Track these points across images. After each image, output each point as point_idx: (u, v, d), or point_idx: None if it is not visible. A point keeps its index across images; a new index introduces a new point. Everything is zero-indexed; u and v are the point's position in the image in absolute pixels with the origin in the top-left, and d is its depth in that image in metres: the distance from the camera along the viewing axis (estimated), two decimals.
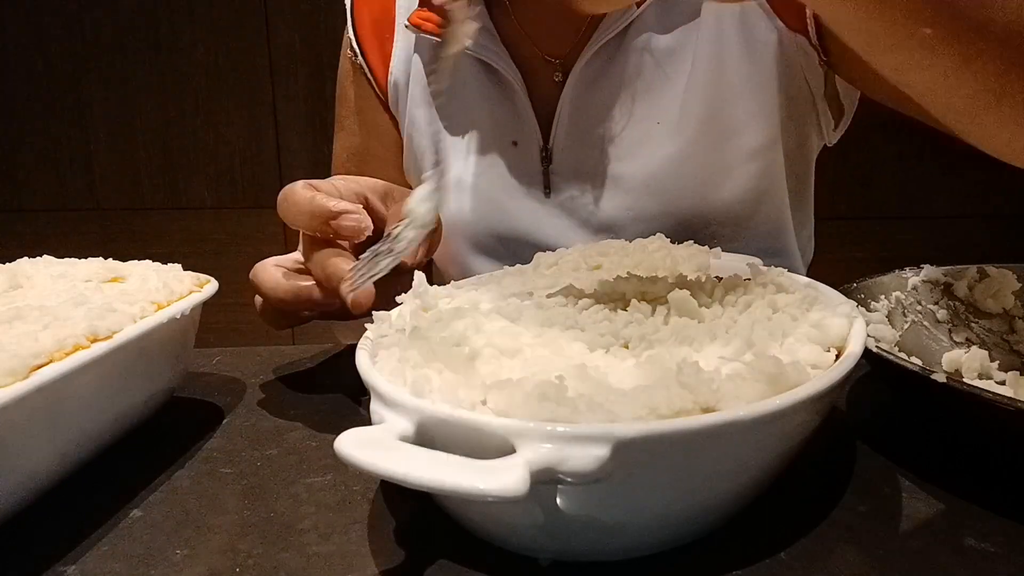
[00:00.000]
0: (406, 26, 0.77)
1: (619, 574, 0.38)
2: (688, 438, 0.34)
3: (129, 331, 0.48)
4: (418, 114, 0.79)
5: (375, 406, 0.38)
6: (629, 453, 0.33)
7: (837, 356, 0.42)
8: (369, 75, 0.82)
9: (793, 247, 0.81)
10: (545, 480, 0.33)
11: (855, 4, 0.41)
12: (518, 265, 0.58)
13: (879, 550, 0.39)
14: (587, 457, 0.33)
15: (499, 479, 0.31)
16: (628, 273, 0.53)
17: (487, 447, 0.34)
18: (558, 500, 0.35)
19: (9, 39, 1.75)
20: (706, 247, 0.57)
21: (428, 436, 0.36)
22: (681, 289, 0.48)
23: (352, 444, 0.34)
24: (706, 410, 0.35)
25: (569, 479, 0.33)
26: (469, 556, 0.40)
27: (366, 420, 0.55)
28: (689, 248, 0.57)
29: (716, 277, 0.53)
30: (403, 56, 0.80)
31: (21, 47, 1.75)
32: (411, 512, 0.44)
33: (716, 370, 0.38)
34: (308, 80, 1.74)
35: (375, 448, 0.34)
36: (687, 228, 0.73)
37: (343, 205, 0.52)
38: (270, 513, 0.44)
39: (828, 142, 0.81)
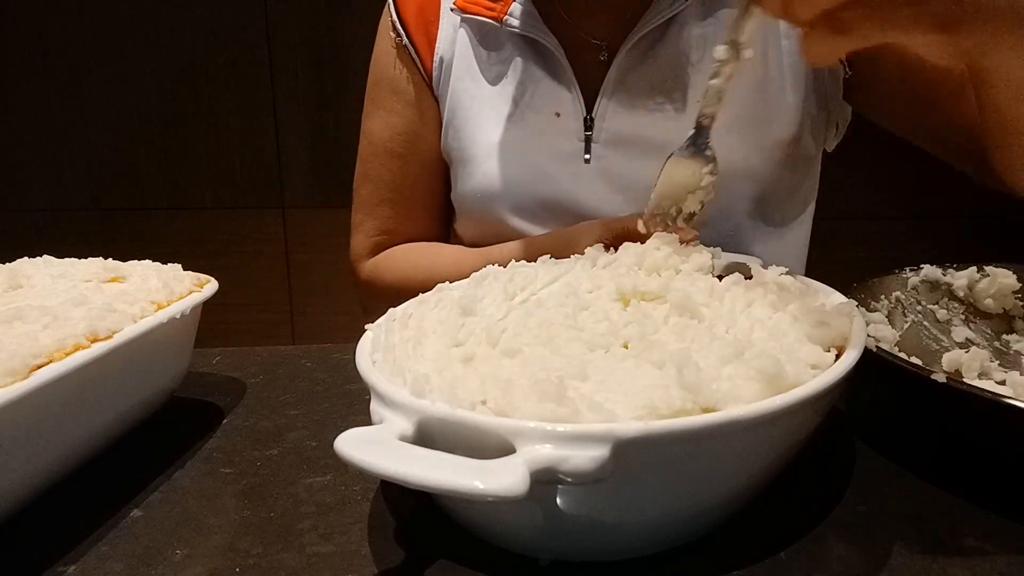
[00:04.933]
0: (452, 9, 0.82)
1: (619, 574, 0.38)
2: (688, 438, 0.34)
3: (129, 331, 0.48)
4: (462, 87, 0.82)
5: (375, 406, 0.38)
6: (629, 453, 0.33)
7: (837, 356, 0.42)
8: (414, 56, 0.84)
9: (799, 233, 0.84)
10: (545, 480, 0.33)
11: (1017, 62, 0.51)
12: (522, 262, 0.58)
13: (879, 550, 0.39)
14: (587, 457, 0.33)
15: (498, 479, 0.31)
16: (629, 272, 0.53)
17: (487, 447, 0.34)
18: (558, 500, 0.35)
19: (9, 39, 1.75)
20: (708, 247, 0.57)
21: (428, 436, 0.36)
22: (681, 289, 0.48)
23: (352, 444, 0.34)
24: (706, 410, 0.35)
25: (569, 479, 0.33)
26: (469, 556, 0.40)
27: (366, 420, 0.55)
28: (690, 248, 0.57)
29: (717, 276, 0.53)
30: (449, 36, 0.83)
31: (21, 47, 1.75)
32: (411, 512, 0.44)
33: (716, 370, 0.38)
34: (308, 80, 1.74)
35: (375, 448, 0.34)
36: (722, 200, 0.76)
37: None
38: (270, 513, 0.44)
39: (828, 147, 0.85)
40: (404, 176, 0.88)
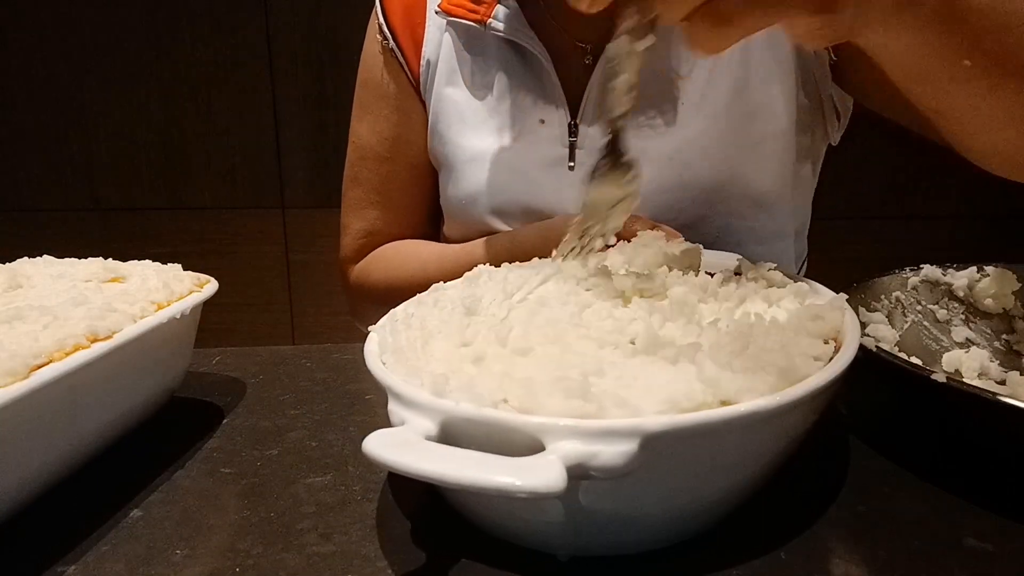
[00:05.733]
0: (436, 12, 0.81)
1: (632, 568, 0.39)
2: (713, 430, 0.35)
3: (129, 331, 0.48)
4: (447, 93, 0.82)
5: (395, 407, 0.38)
6: (656, 447, 0.34)
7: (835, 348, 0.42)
8: (401, 59, 0.84)
9: (792, 234, 0.83)
10: (576, 476, 0.33)
11: (901, 43, 0.48)
12: (515, 263, 0.58)
13: (879, 550, 0.39)
14: (616, 452, 0.33)
15: (537, 476, 0.32)
16: (625, 271, 0.53)
17: (513, 445, 0.34)
18: (580, 496, 0.35)
19: (9, 39, 1.75)
20: (698, 244, 0.58)
21: (452, 435, 0.36)
22: (678, 286, 0.49)
23: (382, 446, 0.34)
24: (724, 403, 0.36)
25: (599, 474, 0.33)
26: (470, 556, 0.40)
27: (366, 420, 0.55)
28: (680, 245, 0.58)
29: (708, 273, 0.54)
30: (435, 38, 0.83)
31: (21, 47, 1.75)
32: (411, 512, 0.44)
33: (727, 364, 0.38)
34: (308, 80, 1.74)
35: (405, 449, 0.34)
36: (707, 201, 0.76)
37: None
38: (270, 513, 0.44)
39: (832, 140, 0.84)
40: (391, 180, 0.88)
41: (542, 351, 0.42)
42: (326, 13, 1.72)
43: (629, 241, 0.59)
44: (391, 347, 0.44)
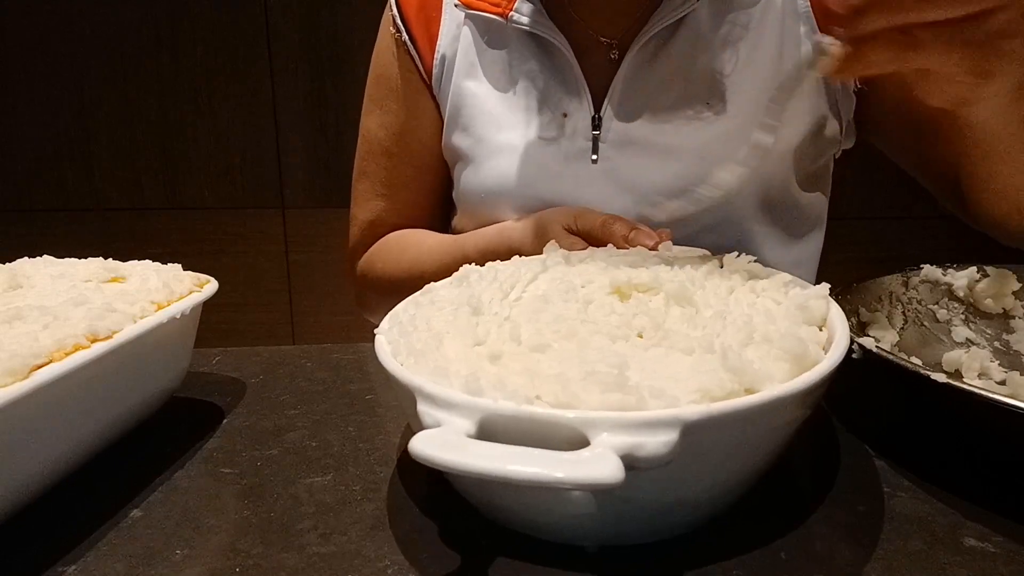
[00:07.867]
0: (456, 5, 0.81)
1: (633, 562, 0.39)
2: (745, 417, 0.36)
3: (129, 331, 0.48)
4: (466, 86, 0.81)
5: (427, 408, 0.37)
6: (694, 435, 0.34)
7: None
8: (414, 54, 0.84)
9: (814, 244, 0.84)
10: (625, 467, 0.33)
11: (1001, 120, 0.60)
12: (497, 262, 0.58)
13: (879, 550, 0.39)
14: (659, 442, 0.34)
15: (595, 469, 0.32)
16: (620, 266, 0.54)
17: (552, 440, 0.34)
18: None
19: (9, 39, 1.75)
20: (668, 242, 0.60)
21: (491, 433, 0.36)
22: (670, 281, 0.49)
23: (433, 448, 0.34)
24: (747, 391, 0.37)
25: (644, 464, 0.34)
26: (470, 556, 0.40)
27: (366, 420, 0.55)
28: (656, 241, 0.60)
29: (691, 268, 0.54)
30: (452, 32, 0.83)
31: (21, 47, 1.75)
32: (411, 512, 0.44)
33: (746, 353, 0.40)
34: (308, 80, 1.74)
35: (455, 449, 0.34)
36: (729, 202, 0.75)
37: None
38: (270, 513, 0.45)
39: (837, 153, 0.85)
40: (397, 174, 0.88)
41: (559, 347, 0.42)
42: (326, 13, 1.72)
43: (608, 242, 0.60)
44: (406, 349, 0.44)
